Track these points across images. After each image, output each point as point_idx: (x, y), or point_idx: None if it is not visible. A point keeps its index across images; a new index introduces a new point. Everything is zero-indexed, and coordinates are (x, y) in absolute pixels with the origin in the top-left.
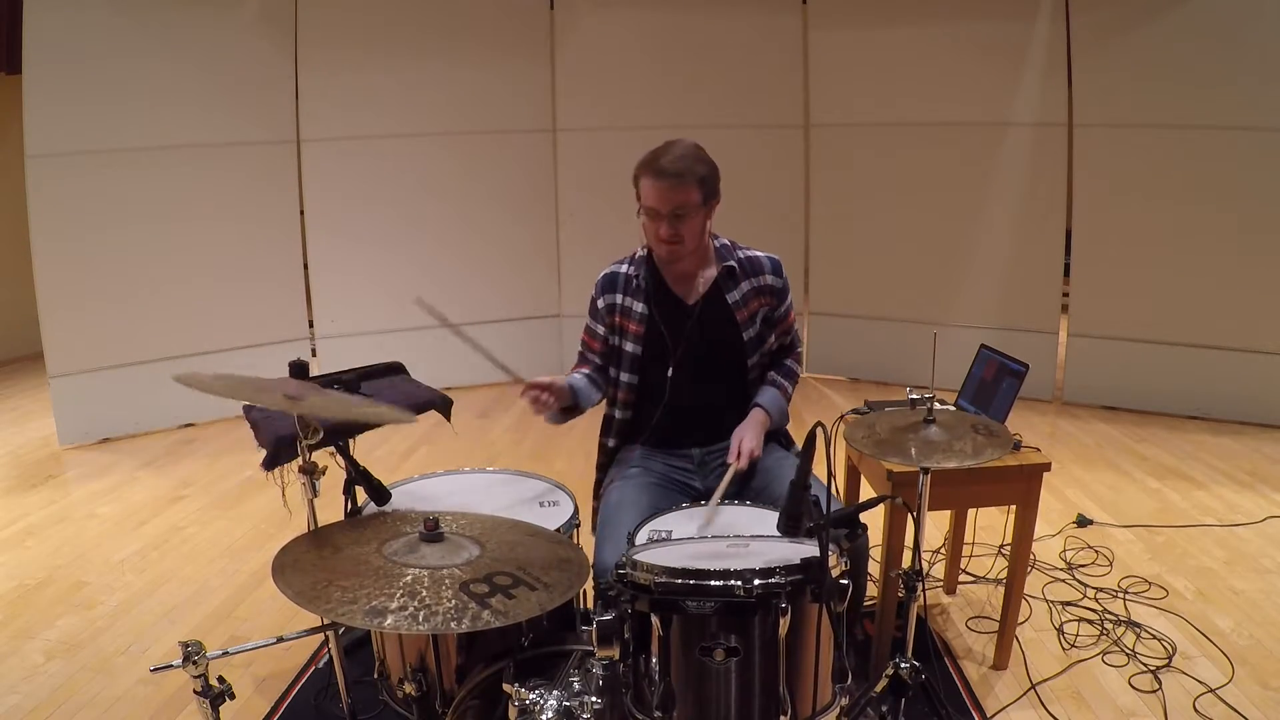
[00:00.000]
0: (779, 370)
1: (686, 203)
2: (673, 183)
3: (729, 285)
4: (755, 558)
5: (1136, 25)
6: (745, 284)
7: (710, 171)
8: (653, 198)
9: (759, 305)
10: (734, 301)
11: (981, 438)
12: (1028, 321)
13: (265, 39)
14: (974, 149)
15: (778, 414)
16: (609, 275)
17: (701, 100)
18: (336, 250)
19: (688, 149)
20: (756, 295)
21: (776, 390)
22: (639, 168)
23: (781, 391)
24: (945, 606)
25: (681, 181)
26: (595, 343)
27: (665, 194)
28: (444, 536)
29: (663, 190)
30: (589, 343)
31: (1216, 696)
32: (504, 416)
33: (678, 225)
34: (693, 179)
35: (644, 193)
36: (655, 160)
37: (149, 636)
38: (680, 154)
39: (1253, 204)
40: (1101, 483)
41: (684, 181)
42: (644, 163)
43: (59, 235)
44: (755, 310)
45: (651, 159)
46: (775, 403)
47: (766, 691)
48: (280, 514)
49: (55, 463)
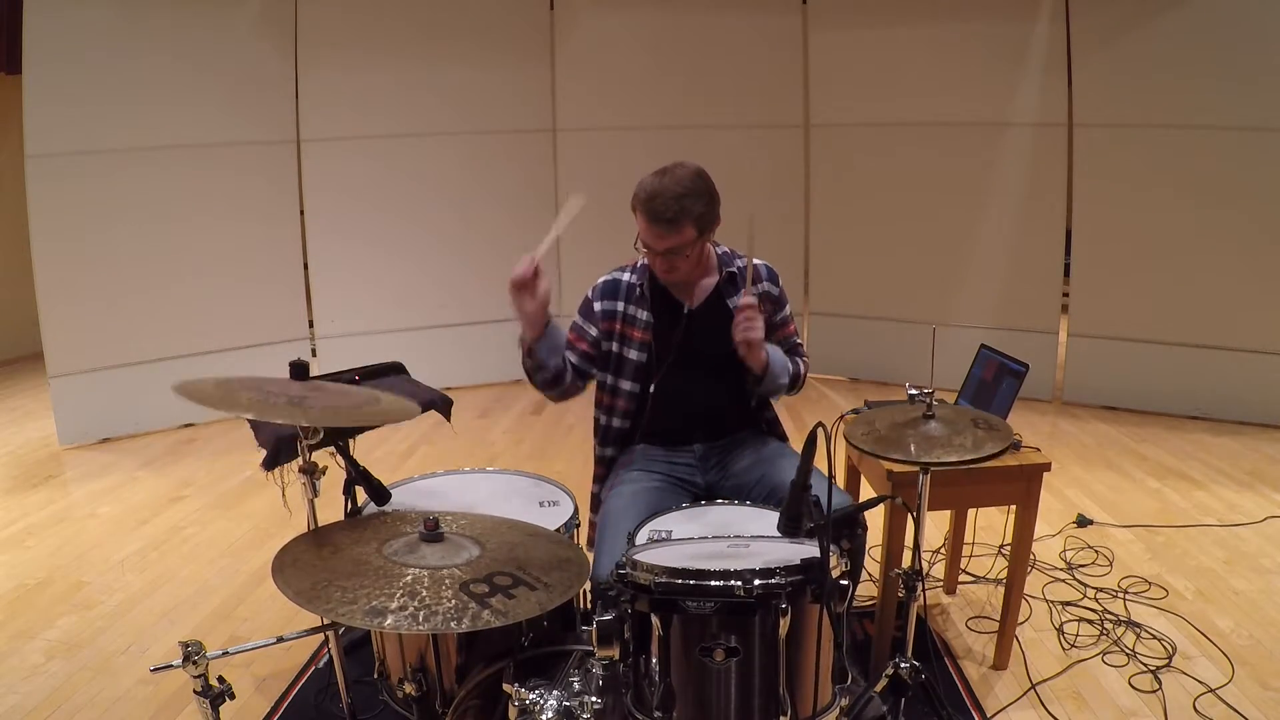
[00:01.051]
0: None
1: (681, 244)
2: (667, 229)
3: (730, 291)
4: (755, 558)
5: (1136, 25)
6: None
7: (707, 206)
8: (647, 236)
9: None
10: (735, 307)
11: (982, 432)
12: (1028, 321)
13: (265, 39)
14: (974, 149)
15: (776, 361)
16: (610, 281)
17: (701, 100)
18: (336, 250)
19: (686, 184)
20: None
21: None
22: (635, 200)
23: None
24: (945, 606)
25: (675, 227)
26: (582, 342)
27: (659, 237)
28: (444, 536)
29: (658, 233)
30: (573, 341)
31: (1216, 696)
32: (504, 416)
33: (673, 259)
34: (688, 220)
35: (640, 226)
36: (650, 200)
37: (149, 636)
38: (677, 193)
39: (1253, 204)
40: (1101, 483)
41: (677, 226)
42: (640, 198)
43: (59, 235)
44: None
45: (648, 197)
46: (776, 354)
47: (766, 692)
48: (280, 514)
49: (55, 463)
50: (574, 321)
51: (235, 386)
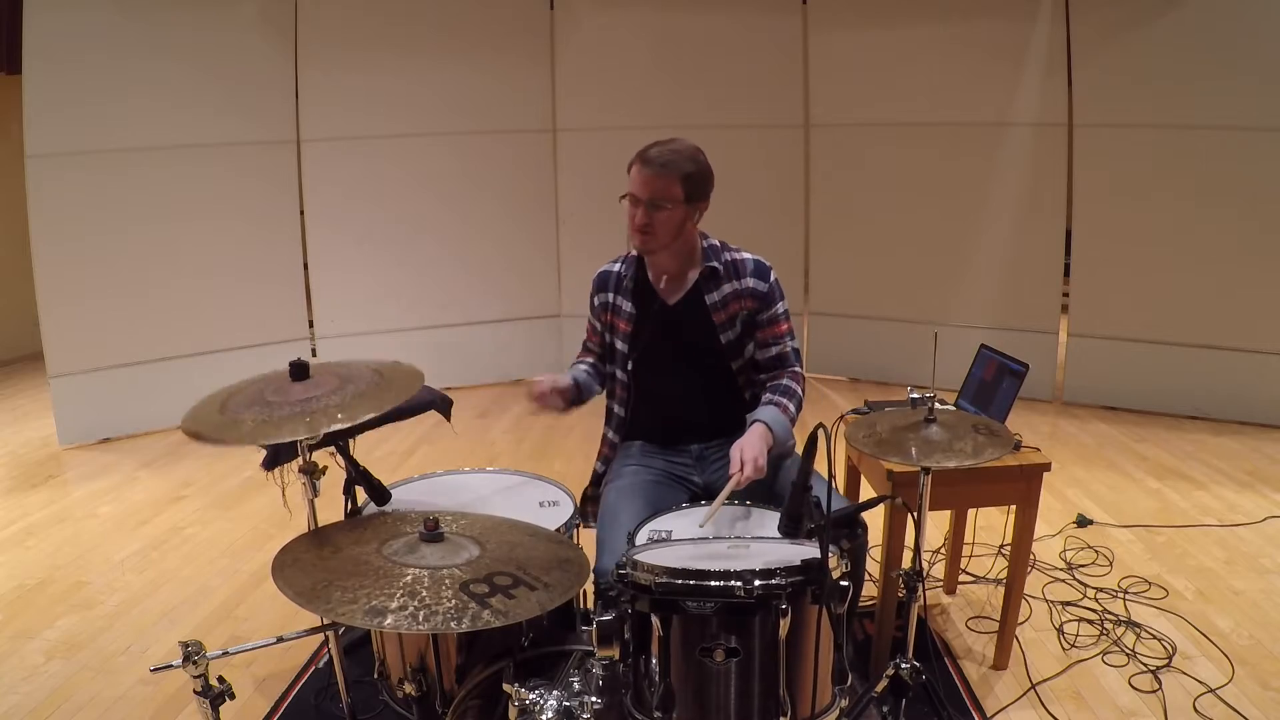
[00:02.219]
0: (771, 390)
1: (666, 195)
2: (656, 171)
3: (709, 287)
4: (755, 558)
5: (1136, 25)
6: (726, 286)
7: (699, 172)
8: (635, 183)
9: (739, 308)
10: (712, 303)
11: (982, 437)
12: (1028, 321)
13: (265, 39)
14: (974, 149)
15: (779, 429)
16: (603, 273)
17: (701, 100)
18: (336, 250)
19: (684, 147)
20: (736, 298)
21: (774, 407)
22: (634, 157)
23: (780, 409)
24: (945, 606)
25: (665, 171)
26: (594, 336)
27: (647, 181)
28: (444, 536)
29: (645, 177)
30: (589, 335)
31: (1216, 696)
32: (504, 416)
33: (653, 215)
34: (676, 172)
35: (630, 179)
36: (647, 149)
37: (149, 636)
38: (673, 149)
39: (1253, 204)
40: (1101, 483)
41: (667, 172)
42: (638, 151)
43: (59, 235)
44: (735, 313)
45: (645, 148)
46: (775, 418)
47: (766, 692)
48: (280, 514)
49: (55, 463)
50: (588, 318)
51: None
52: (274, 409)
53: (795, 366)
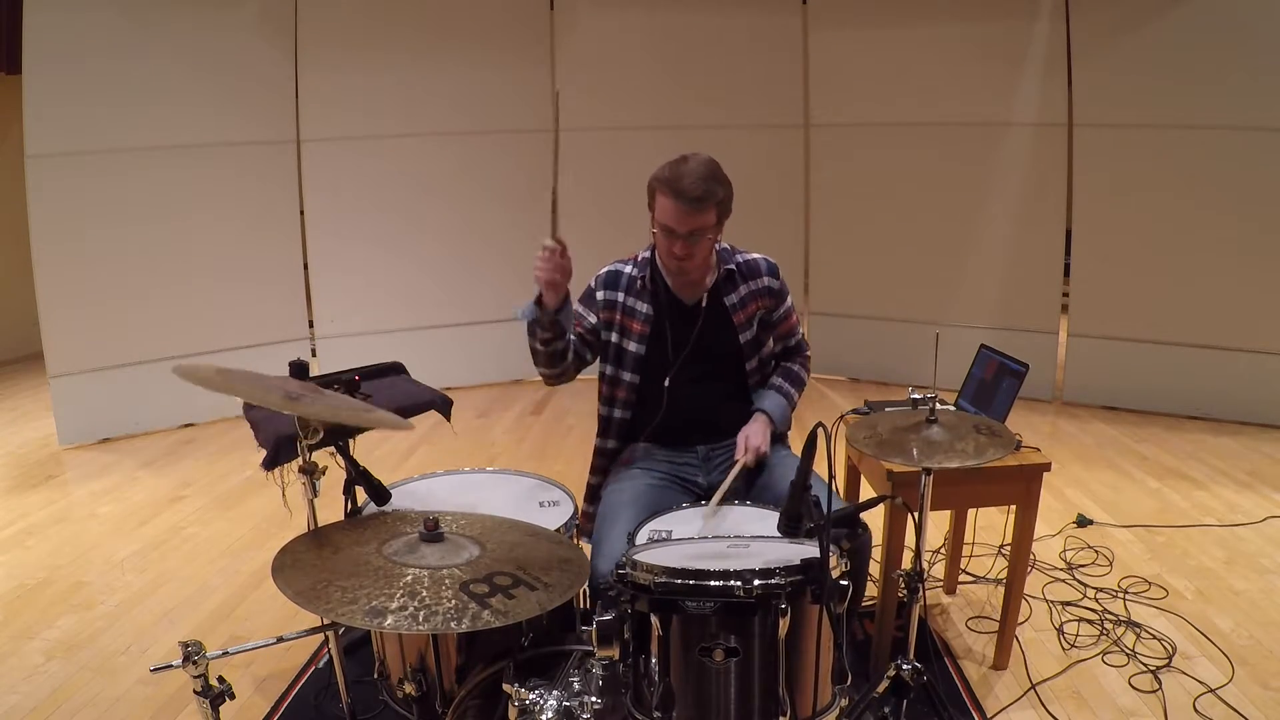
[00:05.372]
0: (782, 374)
1: (704, 226)
2: (693, 207)
3: (728, 289)
4: (755, 558)
5: (1136, 25)
6: (744, 287)
7: (728, 192)
8: (670, 217)
9: (756, 308)
10: (732, 305)
11: (984, 438)
12: (1028, 321)
13: (265, 39)
14: (974, 149)
15: (780, 419)
16: (612, 272)
17: (702, 100)
18: (336, 250)
19: (707, 169)
20: (754, 298)
21: (780, 396)
22: (657, 182)
23: (785, 396)
24: (945, 606)
25: (701, 206)
26: (580, 326)
27: (684, 217)
28: (444, 536)
29: (682, 213)
30: (576, 323)
31: (1216, 696)
32: (504, 416)
33: (692, 246)
34: (712, 202)
35: (660, 209)
36: (676, 180)
37: (149, 636)
38: (701, 175)
39: (1253, 204)
40: (1101, 483)
41: (704, 206)
42: (663, 179)
43: (59, 235)
44: (753, 313)
45: (672, 177)
46: (777, 408)
47: (766, 692)
48: (280, 514)
49: (55, 463)
50: (575, 308)
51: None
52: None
53: (805, 351)
